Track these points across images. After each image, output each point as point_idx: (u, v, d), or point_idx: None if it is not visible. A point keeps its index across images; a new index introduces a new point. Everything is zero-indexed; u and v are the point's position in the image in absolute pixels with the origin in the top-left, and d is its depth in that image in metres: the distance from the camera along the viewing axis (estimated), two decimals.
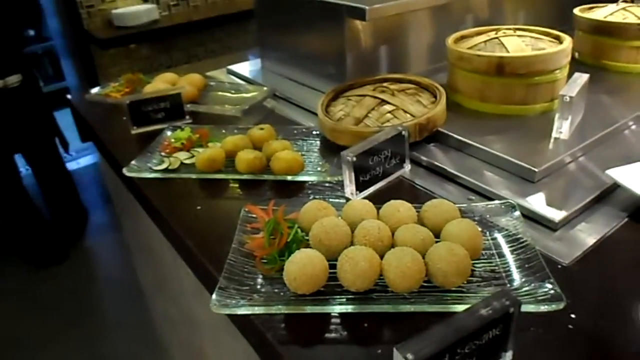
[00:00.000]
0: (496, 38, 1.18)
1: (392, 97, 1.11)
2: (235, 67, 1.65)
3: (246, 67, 1.65)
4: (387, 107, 1.10)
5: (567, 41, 1.16)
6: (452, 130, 1.08)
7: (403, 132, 0.98)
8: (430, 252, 0.72)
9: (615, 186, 0.93)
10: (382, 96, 1.12)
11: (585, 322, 0.68)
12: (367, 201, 0.84)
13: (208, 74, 1.67)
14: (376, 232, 0.75)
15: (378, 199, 0.87)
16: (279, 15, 1.47)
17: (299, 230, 0.79)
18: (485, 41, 1.18)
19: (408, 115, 1.07)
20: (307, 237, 0.79)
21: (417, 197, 0.96)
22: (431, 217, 0.80)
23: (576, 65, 1.47)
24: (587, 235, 0.84)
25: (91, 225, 3.23)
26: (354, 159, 0.90)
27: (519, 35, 1.19)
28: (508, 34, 1.20)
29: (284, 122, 1.29)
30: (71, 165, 3.93)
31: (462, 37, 1.26)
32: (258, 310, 0.70)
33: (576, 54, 1.50)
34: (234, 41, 3.17)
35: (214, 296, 0.71)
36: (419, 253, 0.72)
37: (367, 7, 1.14)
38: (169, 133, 1.19)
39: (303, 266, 0.70)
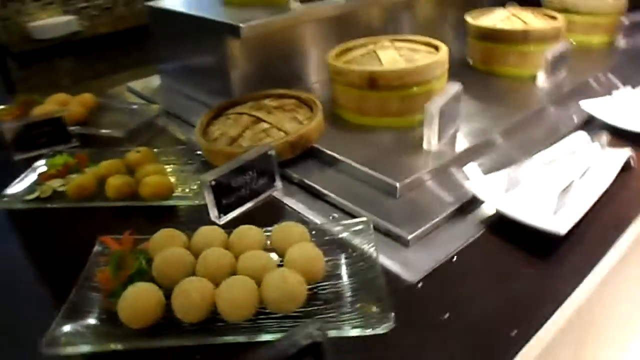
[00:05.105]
0: (374, 51, 1.19)
1: (267, 115, 1.11)
2: (135, 84, 1.62)
3: (148, 83, 1.63)
4: (263, 125, 1.10)
5: (442, 52, 1.17)
6: (327, 145, 1.08)
7: (269, 152, 0.98)
8: (265, 279, 0.72)
9: (476, 199, 0.95)
10: (258, 114, 1.12)
11: (415, 341, 0.69)
12: (217, 228, 0.84)
13: (111, 91, 1.65)
14: (216, 261, 0.75)
15: (247, 221, 0.87)
16: (171, 31, 1.46)
17: (143, 262, 0.79)
18: (362, 54, 1.19)
19: (282, 133, 1.08)
20: None
21: (284, 217, 0.96)
22: (278, 241, 0.81)
23: (469, 71, 1.51)
24: (438, 250, 0.85)
25: None
26: (213, 182, 0.90)
27: (396, 47, 1.21)
28: (386, 46, 1.21)
29: (173, 141, 1.28)
30: None
31: (347, 50, 1.26)
32: (90, 348, 0.69)
33: (470, 61, 1.53)
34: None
35: (45, 336, 0.69)
36: (262, 279, 0.72)
37: (241, 25, 1.13)
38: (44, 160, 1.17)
39: (135, 301, 0.70)
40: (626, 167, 1.07)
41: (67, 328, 0.71)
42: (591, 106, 1.25)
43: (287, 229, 0.82)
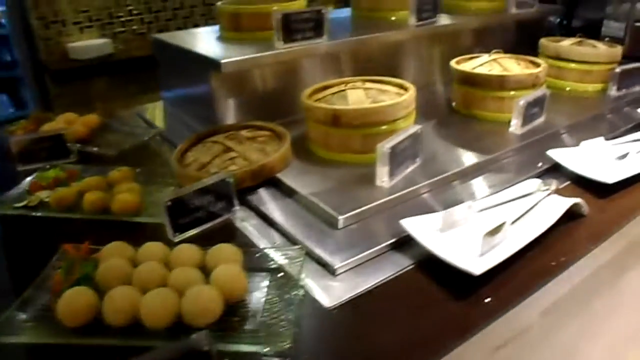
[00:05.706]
0: (344, 90, 1.28)
1: (237, 145, 1.21)
2: (143, 108, 1.76)
3: (154, 108, 1.76)
4: (231, 154, 1.19)
5: (408, 94, 1.24)
6: (288, 176, 1.17)
7: (227, 179, 1.07)
8: (185, 294, 0.80)
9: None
10: (229, 143, 1.21)
11: None
12: (161, 244, 0.93)
13: (123, 113, 1.78)
14: (147, 273, 0.84)
15: (202, 240, 0.97)
16: (170, 62, 1.59)
17: (90, 269, 0.88)
18: (333, 93, 1.28)
19: (247, 162, 1.17)
20: None
21: (235, 239, 1.05)
22: (212, 260, 0.89)
23: (451, 113, 1.57)
24: (364, 281, 0.91)
25: None
26: (169, 203, 0.99)
27: (366, 88, 1.28)
28: (357, 86, 1.29)
29: (160, 164, 1.39)
30: None
31: (323, 88, 1.35)
32: (27, 339, 0.79)
33: (453, 104, 1.59)
34: None
35: None
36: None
37: (222, 61, 1.24)
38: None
39: (70, 302, 0.80)
40: (578, 215, 1.11)
41: (14, 320, 0.81)
42: (558, 154, 1.29)
43: (221, 250, 0.90)
